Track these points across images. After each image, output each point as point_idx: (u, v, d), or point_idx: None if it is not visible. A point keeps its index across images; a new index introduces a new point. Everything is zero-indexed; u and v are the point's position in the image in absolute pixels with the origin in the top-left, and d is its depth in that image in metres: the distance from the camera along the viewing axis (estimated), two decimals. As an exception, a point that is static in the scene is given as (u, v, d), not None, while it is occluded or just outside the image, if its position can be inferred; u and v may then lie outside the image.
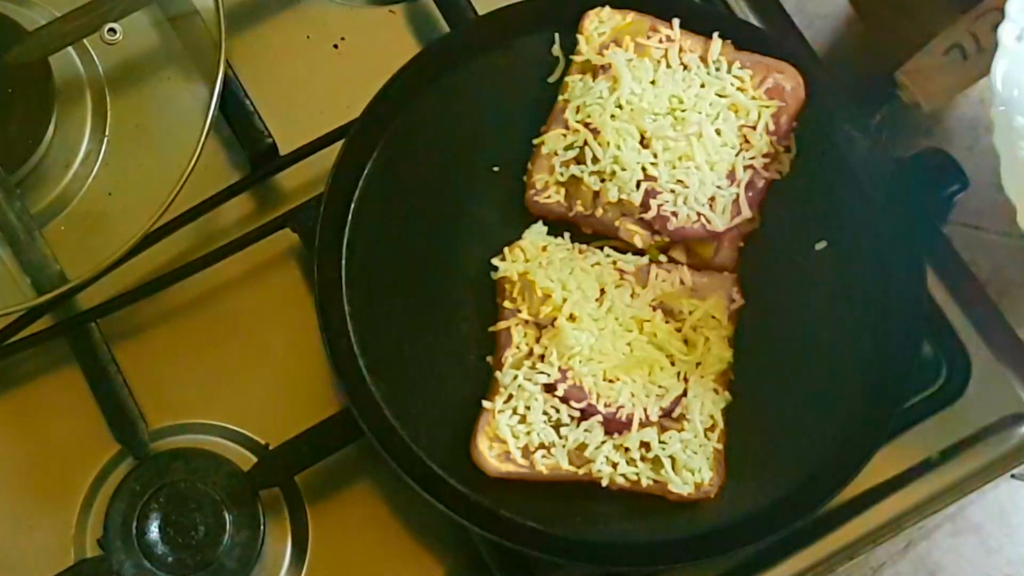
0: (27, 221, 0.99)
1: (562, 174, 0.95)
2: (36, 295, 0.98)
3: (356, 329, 0.95)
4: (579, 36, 0.99)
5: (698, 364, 0.92)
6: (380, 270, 0.97)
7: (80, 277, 0.98)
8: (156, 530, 0.93)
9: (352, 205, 0.97)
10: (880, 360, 0.95)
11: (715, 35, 0.99)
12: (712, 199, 0.94)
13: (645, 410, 0.90)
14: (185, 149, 0.98)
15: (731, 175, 0.95)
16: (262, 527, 0.94)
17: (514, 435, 0.90)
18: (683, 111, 0.96)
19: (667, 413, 0.91)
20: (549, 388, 0.91)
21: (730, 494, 0.92)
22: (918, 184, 1.03)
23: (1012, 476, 1.00)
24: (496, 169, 0.99)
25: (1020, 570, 1.07)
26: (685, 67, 0.98)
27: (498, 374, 0.92)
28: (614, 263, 0.94)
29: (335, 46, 1.07)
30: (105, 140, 1.04)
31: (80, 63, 1.05)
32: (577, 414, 0.90)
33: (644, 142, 0.95)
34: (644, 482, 0.90)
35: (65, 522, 0.96)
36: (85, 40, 1.02)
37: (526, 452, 0.91)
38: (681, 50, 0.98)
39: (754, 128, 0.97)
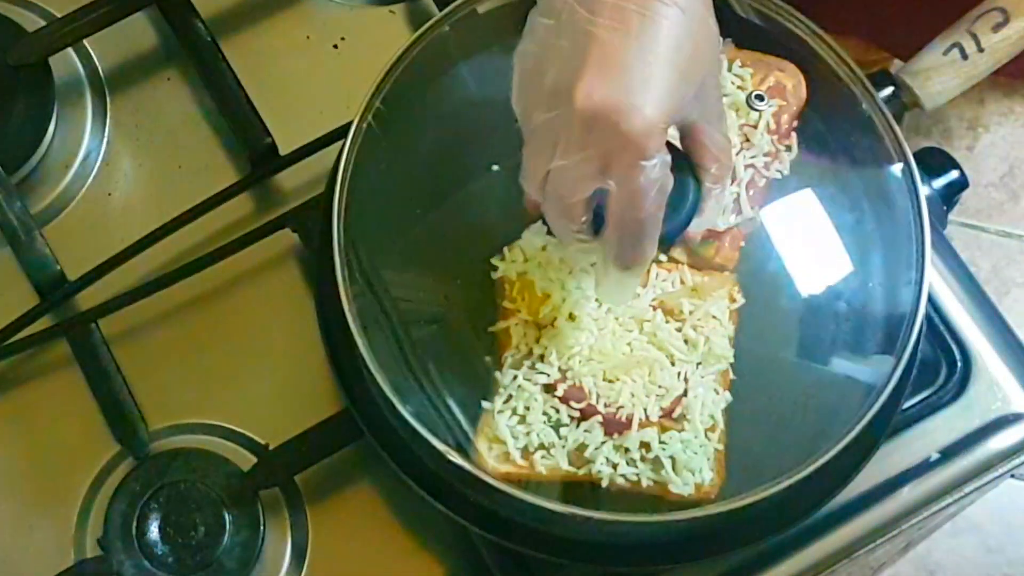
0: (27, 221, 0.99)
1: (562, 174, 0.95)
2: (36, 295, 0.99)
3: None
4: (579, 36, 0.99)
5: (698, 364, 0.92)
6: (380, 270, 0.96)
7: (80, 277, 0.98)
8: (156, 530, 0.93)
9: (352, 205, 0.97)
10: (880, 360, 0.95)
11: (715, 35, 0.99)
12: (712, 199, 0.94)
13: (645, 410, 0.90)
14: (185, 149, 0.98)
15: (731, 174, 0.95)
16: (262, 527, 0.94)
17: (513, 436, 0.90)
18: (683, 111, 0.95)
19: (667, 413, 0.91)
20: (549, 388, 0.91)
21: (730, 494, 0.92)
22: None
23: (1012, 476, 1.00)
24: (496, 169, 0.98)
25: (1020, 570, 1.07)
26: (685, 67, 0.97)
27: (498, 374, 0.92)
28: (614, 263, 0.94)
29: (335, 46, 1.07)
30: (105, 140, 1.04)
31: (80, 63, 1.05)
32: (577, 414, 0.90)
33: (644, 142, 0.95)
34: (644, 483, 0.90)
35: (65, 522, 0.96)
36: (85, 40, 1.03)
37: (526, 453, 0.90)
38: (681, 50, 0.98)
39: (755, 127, 0.96)
